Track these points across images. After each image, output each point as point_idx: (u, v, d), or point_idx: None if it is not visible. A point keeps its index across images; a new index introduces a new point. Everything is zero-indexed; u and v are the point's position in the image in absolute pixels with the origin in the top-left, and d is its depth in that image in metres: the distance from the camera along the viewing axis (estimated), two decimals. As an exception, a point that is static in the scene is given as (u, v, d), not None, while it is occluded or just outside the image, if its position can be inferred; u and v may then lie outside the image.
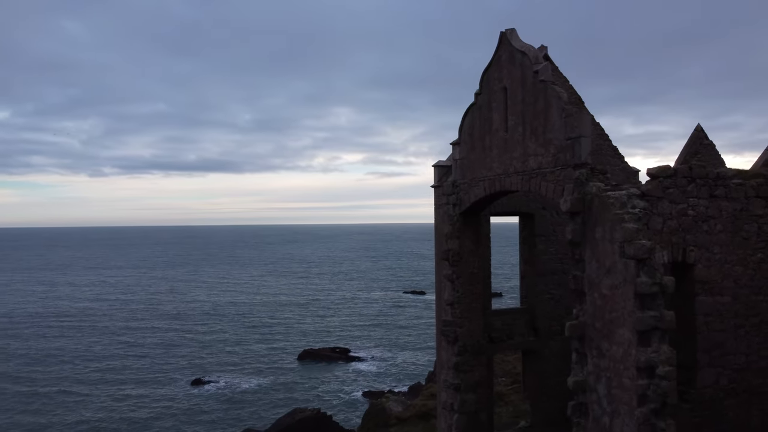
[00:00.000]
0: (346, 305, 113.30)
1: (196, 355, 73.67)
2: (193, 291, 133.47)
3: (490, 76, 19.48)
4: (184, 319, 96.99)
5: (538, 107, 17.28)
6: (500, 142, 18.97)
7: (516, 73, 18.22)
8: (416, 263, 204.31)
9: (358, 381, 62.97)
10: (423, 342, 79.02)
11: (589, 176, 15.57)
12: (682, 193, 15.28)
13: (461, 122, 21.06)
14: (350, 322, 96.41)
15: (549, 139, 16.84)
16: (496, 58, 19.22)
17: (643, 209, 14.53)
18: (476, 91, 20.26)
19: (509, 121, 18.51)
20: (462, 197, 20.95)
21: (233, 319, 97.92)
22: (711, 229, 15.63)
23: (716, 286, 15.61)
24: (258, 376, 64.65)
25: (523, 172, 17.93)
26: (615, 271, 14.44)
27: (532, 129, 17.56)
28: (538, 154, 17.28)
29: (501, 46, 18.95)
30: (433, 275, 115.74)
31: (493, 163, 19.29)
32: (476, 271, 21.33)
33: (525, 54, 17.81)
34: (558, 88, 16.65)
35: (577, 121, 15.87)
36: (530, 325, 23.47)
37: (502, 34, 18.84)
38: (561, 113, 16.36)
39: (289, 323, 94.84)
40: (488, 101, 19.60)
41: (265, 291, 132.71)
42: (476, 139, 20.22)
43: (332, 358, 70.86)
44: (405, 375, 64.27)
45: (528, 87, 17.67)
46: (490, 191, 19.54)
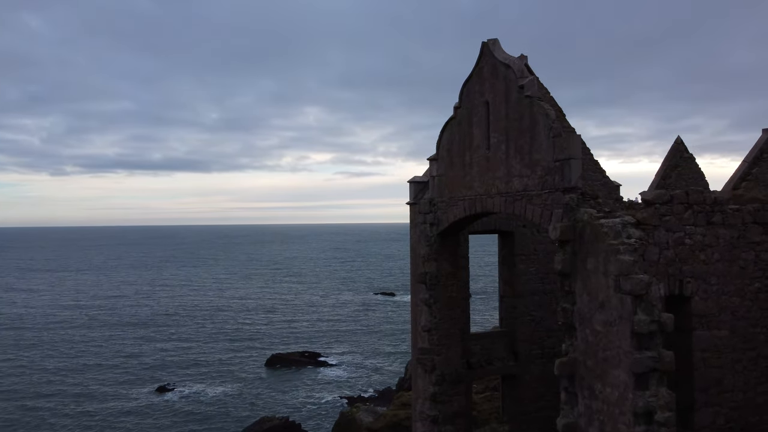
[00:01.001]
0: (314, 308, 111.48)
1: (159, 361, 71.17)
2: (156, 294, 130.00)
3: (471, 89, 18.23)
4: (147, 324, 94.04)
5: (523, 125, 16.09)
6: (482, 160, 17.74)
7: (499, 86, 17.01)
8: (385, 264, 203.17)
9: (327, 387, 61.49)
10: (394, 345, 77.86)
11: (579, 202, 14.43)
12: (679, 220, 14.24)
13: (439, 137, 19.78)
14: (319, 325, 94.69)
15: (535, 160, 15.66)
16: (477, 70, 17.98)
17: (638, 239, 13.44)
18: (455, 104, 19.00)
19: (492, 138, 17.29)
20: (440, 216, 19.68)
21: (198, 323, 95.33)
22: (708, 259, 14.63)
23: (714, 319, 14.62)
24: (224, 382, 62.62)
25: (506, 193, 16.72)
26: (609, 307, 13.32)
27: (516, 148, 16.37)
28: (524, 175, 16.09)
29: (482, 58, 17.72)
30: (402, 276, 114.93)
31: (474, 182, 18.06)
32: (455, 295, 20.09)
33: (509, 67, 16.60)
34: (545, 104, 15.48)
35: (567, 142, 14.72)
36: (510, 348, 22.33)
37: (484, 45, 17.60)
38: (549, 132, 15.20)
39: (256, 327, 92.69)
40: (468, 116, 18.36)
41: (231, 293, 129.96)
42: (455, 156, 18.96)
43: (301, 363, 69.29)
44: (375, 380, 62.98)
45: (512, 102, 16.48)
46: (471, 212, 18.31)
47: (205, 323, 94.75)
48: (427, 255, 19.75)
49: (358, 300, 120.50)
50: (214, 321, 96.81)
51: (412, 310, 21.41)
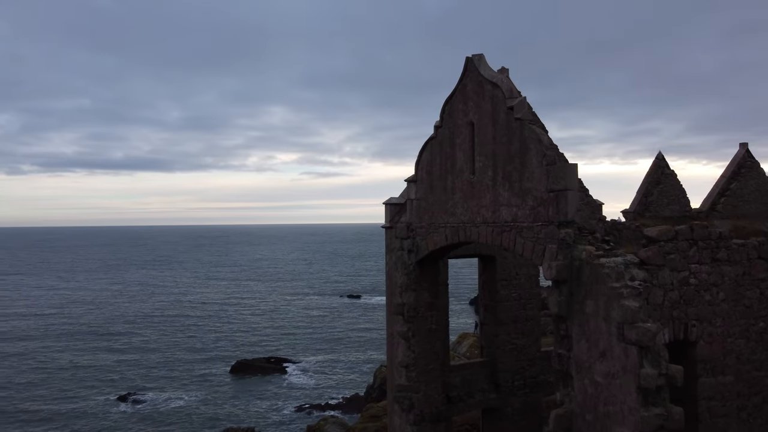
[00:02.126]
0: (280, 311, 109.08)
1: (119, 369, 68.09)
2: (116, 298, 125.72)
3: (454, 108, 16.82)
4: (106, 330, 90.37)
5: (512, 149, 14.75)
6: (465, 186, 16.35)
7: (485, 106, 15.64)
8: (351, 266, 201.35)
9: (294, 394, 59.60)
10: (361, 350, 76.30)
11: (577, 238, 13.15)
12: (684, 258, 13.08)
13: (418, 157, 18.34)
14: (285, 329, 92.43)
15: (526, 189, 14.34)
16: (460, 87, 16.57)
17: (643, 281, 12.22)
18: (436, 122, 17.57)
19: (477, 162, 15.91)
20: (419, 243, 18.24)
21: (160, 328, 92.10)
22: (713, 299, 13.51)
23: (718, 364, 13.50)
24: (187, 391, 60.15)
25: (493, 223, 15.36)
26: (611, 356, 12.05)
27: (505, 174, 15.02)
28: (513, 205, 14.76)
29: (466, 74, 16.33)
30: (369, 278, 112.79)
31: (457, 209, 16.66)
32: (434, 327, 18.67)
33: (496, 86, 15.24)
34: (537, 129, 14.17)
35: (562, 172, 13.42)
36: (491, 379, 21.05)
37: (469, 61, 16.21)
38: (542, 160, 13.89)
39: (220, 332, 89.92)
40: (450, 136, 16.95)
41: (194, 297, 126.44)
42: (436, 179, 17.54)
43: (267, 370, 67.27)
44: (343, 386, 61.35)
45: (500, 125, 15.13)
46: (453, 240, 16.92)
47: (167, 329, 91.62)
48: (405, 285, 18.29)
49: (325, 303, 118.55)
50: (176, 326, 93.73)
51: (388, 342, 19.93)
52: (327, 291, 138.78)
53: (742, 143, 33.02)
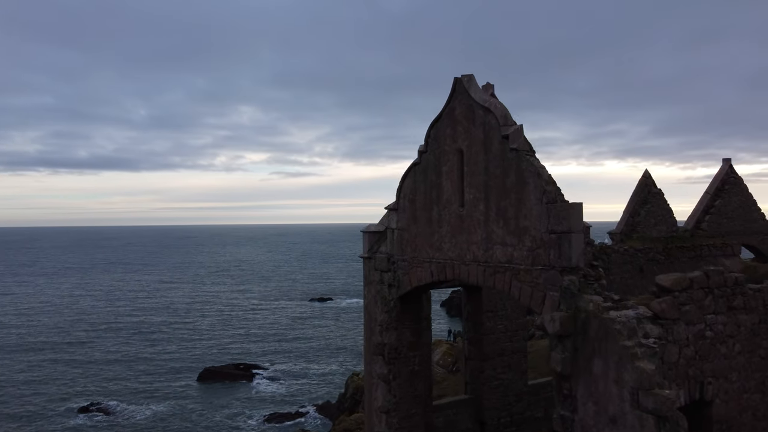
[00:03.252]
0: (248, 315, 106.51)
1: (80, 379, 65.07)
2: (78, 302, 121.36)
3: (440, 133, 15.31)
4: (66, 338, 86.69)
5: (507, 183, 13.30)
6: (454, 219, 14.86)
7: (476, 133, 14.16)
8: (321, 268, 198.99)
9: (264, 402, 57.73)
10: (332, 355, 74.60)
11: (582, 286, 11.76)
12: (700, 308, 11.78)
13: (400, 183, 16.79)
14: (254, 334, 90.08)
15: (524, 228, 12.90)
16: (447, 111, 15.07)
17: (658, 339, 10.88)
18: (420, 146, 16.05)
19: (467, 193, 14.43)
20: (401, 278, 16.68)
21: (123, 334, 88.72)
22: (729, 352, 12.26)
23: (734, 423, 12.26)
24: (153, 400, 57.79)
25: (486, 263, 13.89)
26: (624, 424, 10.68)
27: (499, 210, 13.56)
28: (508, 244, 13.31)
29: (455, 96, 14.83)
30: (339, 280, 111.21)
31: (444, 244, 15.16)
32: (417, 368, 17.15)
33: (489, 111, 13.76)
34: (536, 161, 12.74)
35: (565, 212, 12.01)
36: (476, 418, 19.63)
37: (458, 82, 14.71)
38: (541, 196, 12.47)
39: (186, 338, 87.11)
40: (437, 163, 15.44)
41: (159, 301, 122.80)
42: (420, 209, 16.01)
43: (236, 377, 65.27)
44: (315, 393, 59.66)
45: (493, 154, 13.66)
46: (440, 278, 15.41)
47: (130, 335, 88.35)
48: (386, 323, 16.73)
49: (295, 306, 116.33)
50: (141, 332, 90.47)
51: (366, 383, 18.33)
52: (297, 293, 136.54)
53: (725, 159, 32.24)
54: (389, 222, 17.23)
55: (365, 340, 18.65)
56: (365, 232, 18.31)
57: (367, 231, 18.23)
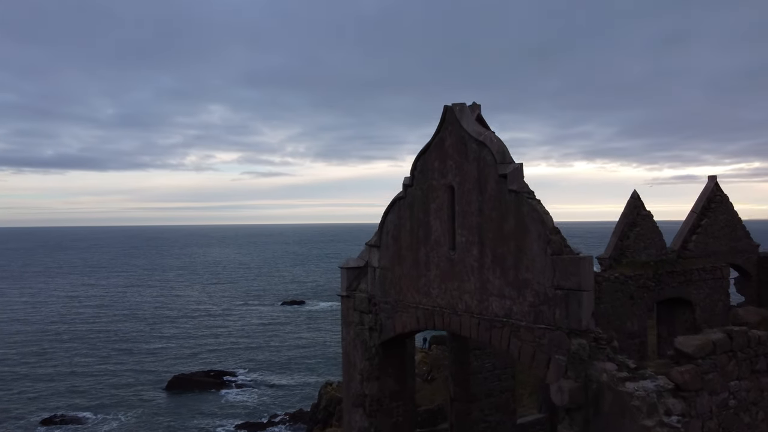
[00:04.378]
0: (219, 320, 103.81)
1: (45, 389, 62.22)
2: (42, 308, 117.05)
3: (428, 165, 13.83)
4: (28, 345, 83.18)
5: (506, 228, 11.88)
6: (444, 262, 13.39)
7: (469, 169, 12.71)
8: (293, 270, 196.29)
9: (236, 411, 55.89)
10: (305, 361, 72.81)
11: (593, 351, 10.39)
12: (723, 375, 10.51)
13: (383, 218, 15.27)
14: (224, 340, 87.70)
15: (525, 280, 11.50)
16: (437, 141, 13.59)
17: (681, 416, 9.56)
18: (405, 179, 14.55)
19: (459, 236, 12.98)
20: (383, 322, 15.17)
21: (88, 341, 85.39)
22: (752, 421, 11.02)
23: (757, 500, 11.01)
24: (120, 410, 55.62)
25: (480, 315, 12.46)
26: None
27: (496, 257, 12.14)
28: (506, 297, 11.89)
29: (445, 127, 13.36)
30: (312, 283, 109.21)
31: (432, 289, 13.69)
32: (401, 420, 15.66)
33: (484, 146, 12.32)
34: (539, 205, 11.33)
35: (574, 266, 10.63)
36: (462, 464, 18.22)
37: (448, 110, 13.25)
38: (545, 246, 11.07)
39: (155, 344, 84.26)
40: (424, 199, 13.96)
41: (126, 305, 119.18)
42: (405, 248, 14.51)
43: (206, 385, 63.30)
44: (287, 401, 58.01)
45: (489, 195, 12.23)
46: (427, 326, 13.94)
47: (96, 342, 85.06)
48: (368, 372, 15.20)
49: (266, 310, 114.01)
50: (106, 339, 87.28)
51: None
52: (268, 297, 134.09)
53: (710, 176, 31.40)
54: (370, 259, 15.70)
55: (344, 385, 17.09)
56: (343, 268, 16.73)
57: (346, 267, 16.66)
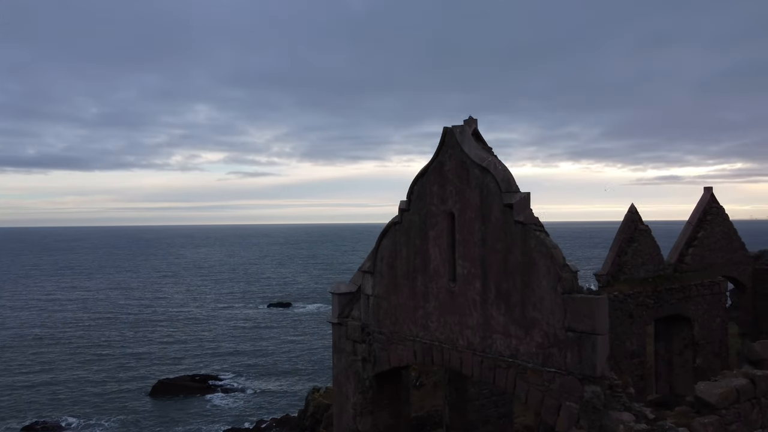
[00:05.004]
0: (204, 323, 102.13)
1: (26, 394, 60.59)
2: (19, 312, 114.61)
3: (426, 190, 12.99)
4: (8, 350, 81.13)
5: (511, 261, 11.08)
6: (443, 294, 12.57)
7: (471, 196, 11.90)
8: (279, 270, 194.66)
9: (221, 416, 54.68)
10: (292, 365, 71.64)
11: (608, 400, 9.61)
12: (747, 425, 9.78)
13: (378, 243, 14.41)
14: (210, 343, 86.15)
15: (532, 319, 10.71)
16: (436, 165, 12.75)
17: None
18: (401, 203, 13.69)
19: (459, 267, 12.16)
20: (377, 353, 14.32)
21: (70, 345, 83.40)
22: (776, 471, 10.30)
23: None
24: (104, 416, 54.17)
25: (483, 353, 11.65)
26: None
27: (500, 292, 11.33)
28: (512, 335, 11.09)
29: (445, 150, 12.53)
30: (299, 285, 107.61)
31: (431, 322, 12.86)
32: (396, 456, 14.80)
33: (487, 172, 11.51)
34: (548, 238, 10.53)
35: (588, 307, 9.85)
36: (459, 496, 17.41)
37: (448, 133, 12.42)
38: (555, 284, 10.27)
39: (139, 348, 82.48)
40: (422, 225, 13.12)
41: (108, 308, 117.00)
42: (401, 276, 13.67)
43: (191, 390, 62.01)
44: (273, 406, 56.87)
45: (493, 225, 11.43)
46: (425, 360, 13.11)
47: (78, 345, 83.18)
48: (361, 406, 14.33)
49: (252, 313, 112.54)
50: (89, 342, 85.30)
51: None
52: (254, 299, 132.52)
53: (706, 187, 30.89)
54: (363, 285, 14.83)
55: (335, 416, 16.21)
56: (335, 294, 15.85)
57: (337, 292, 15.78)
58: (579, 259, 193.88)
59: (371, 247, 14.71)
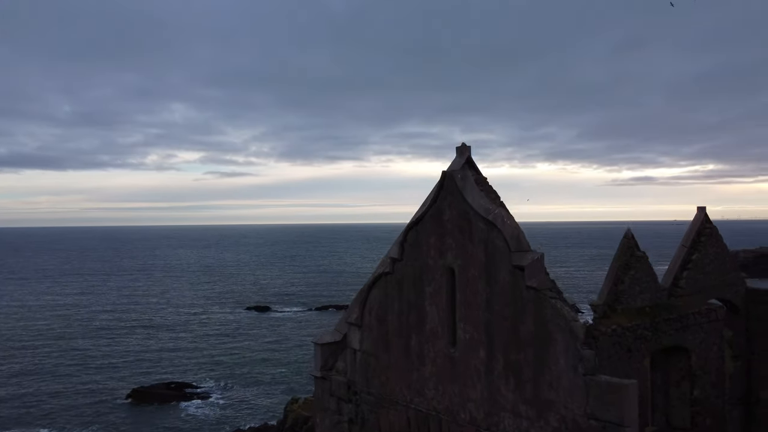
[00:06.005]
0: (179, 328, 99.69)
1: None
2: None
3: (422, 239, 11.56)
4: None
5: (522, 332, 9.71)
6: (441, 359, 11.17)
7: (475, 252, 10.50)
8: (257, 272, 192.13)
9: (197, 424, 52.96)
10: (271, 370, 69.93)
11: (638, 503, 8.30)
12: None
13: (366, 293, 12.94)
14: (186, 349, 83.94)
15: (547, 401, 9.34)
16: (433, 212, 11.32)
17: None
18: (391, 251, 12.25)
19: (461, 330, 10.76)
20: (366, 415, 12.86)
21: (41, 353, 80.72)
22: None
23: None
24: (76, 426, 52.31)
25: (488, 430, 10.27)
26: None
27: (508, 364, 9.96)
28: (523, 416, 9.72)
29: (444, 196, 11.12)
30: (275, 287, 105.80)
31: (427, 389, 11.44)
32: None
33: (494, 227, 10.11)
34: (566, 308, 9.19)
35: (615, 394, 8.52)
36: None
37: (447, 178, 11.01)
38: (576, 363, 8.93)
39: (112, 355, 79.91)
40: (416, 278, 11.69)
41: (80, 312, 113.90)
42: (393, 333, 12.24)
43: (167, 398, 60.27)
44: (251, 414, 55.27)
45: (501, 287, 10.05)
46: (420, 429, 11.68)
47: (50, 353, 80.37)
48: (347, 475, 12.86)
49: (229, 316, 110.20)
50: (60, 350, 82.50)
51: None
52: (231, 301, 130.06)
53: (699, 207, 30.00)
54: (350, 338, 13.36)
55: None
56: (318, 344, 14.34)
57: (320, 342, 14.27)
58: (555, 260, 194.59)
59: (351, 248, 13.39)
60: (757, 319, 30.88)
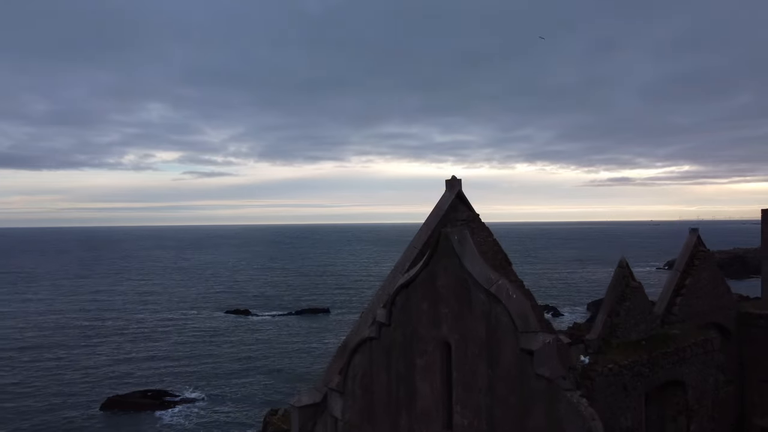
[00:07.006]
0: (156, 333, 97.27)
1: None
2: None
3: (413, 304, 10.18)
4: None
5: (530, 426, 8.38)
6: (435, 443, 9.82)
7: (475, 327, 9.15)
8: (236, 274, 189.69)
9: None
10: (250, 378, 68.35)
11: None
12: None
13: (348, 357, 11.54)
14: (162, 355, 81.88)
15: None
16: (425, 275, 9.95)
17: None
18: (378, 313, 10.87)
19: (458, 415, 9.40)
20: (349, 494, 11.50)
21: (10, 361, 78.14)
22: None
23: None
24: None
25: None
26: None
27: (514, 461, 8.66)
28: None
29: (438, 258, 9.76)
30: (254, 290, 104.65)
31: (419, 474, 10.10)
32: None
33: (498, 301, 8.78)
34: (584, 405, 7.89)
35: None
36: None
37: (443, 238, 9.65)
38: None
39: (85, 362, 77.59)
40: (407, 349, 10.32)
41: (52, 318, 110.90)
42: (380, 404, 10.86)
43: (143, 406, 58.81)
44: (229, 423, 53.98)
45: (505, 370, 8.72)
46: None
47: (20, 361, 77.84)
48: None
49: (207, 321, 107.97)
50: (31, 357, 79.99)
51: None
52: (209, 305, 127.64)
53: (692, 229, 29.03)
54: (331, 406, 11.95)
55: None
56: (295, 407, 12.90)
57: (299, 405, 12.83)
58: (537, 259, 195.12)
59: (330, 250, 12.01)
60: (749, 342, 30.02)
